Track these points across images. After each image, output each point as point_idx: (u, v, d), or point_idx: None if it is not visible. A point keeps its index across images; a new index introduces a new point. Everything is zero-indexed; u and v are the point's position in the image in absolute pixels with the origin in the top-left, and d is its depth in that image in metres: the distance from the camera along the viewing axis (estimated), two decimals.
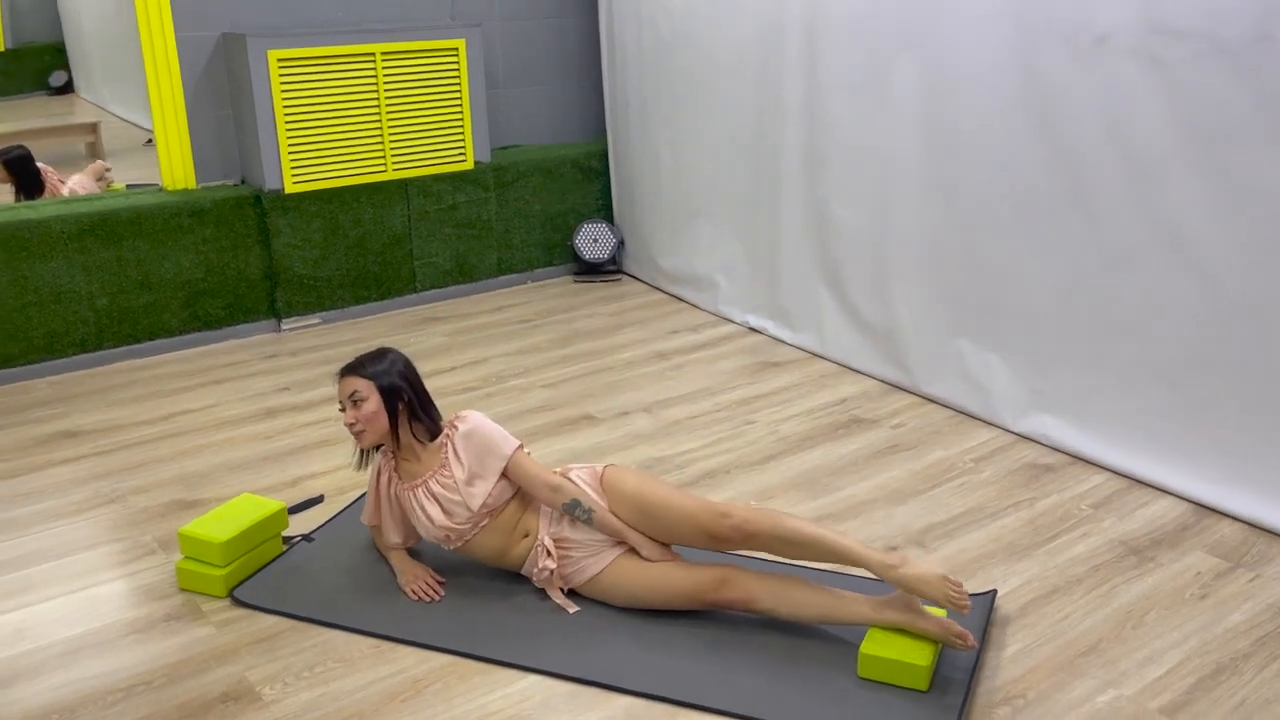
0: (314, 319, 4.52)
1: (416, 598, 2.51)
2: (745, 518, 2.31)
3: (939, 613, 2.23)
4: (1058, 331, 3.22)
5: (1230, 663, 2.26)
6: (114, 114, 4.99)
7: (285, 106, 4.23)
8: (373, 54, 4.37)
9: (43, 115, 5.38)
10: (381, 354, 2.55)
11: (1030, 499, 2.96)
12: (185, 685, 2.23)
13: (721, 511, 2.33)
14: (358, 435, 2.48)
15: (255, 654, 2.33)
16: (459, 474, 2.43)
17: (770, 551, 2.32)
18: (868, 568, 2.21)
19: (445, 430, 2.51)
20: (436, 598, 2.51)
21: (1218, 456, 2.87)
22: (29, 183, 4.53)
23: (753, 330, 4.38)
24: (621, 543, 2.44)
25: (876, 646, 2.19)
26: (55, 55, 5.48)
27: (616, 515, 2.42)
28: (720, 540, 2.33)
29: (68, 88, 5.48)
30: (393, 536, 2.59)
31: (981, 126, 3.29)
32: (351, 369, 2.51)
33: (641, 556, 2.42)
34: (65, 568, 2.69)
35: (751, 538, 2.30)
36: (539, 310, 4.71)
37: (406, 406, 2.48)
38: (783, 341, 4.22)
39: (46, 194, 4.54)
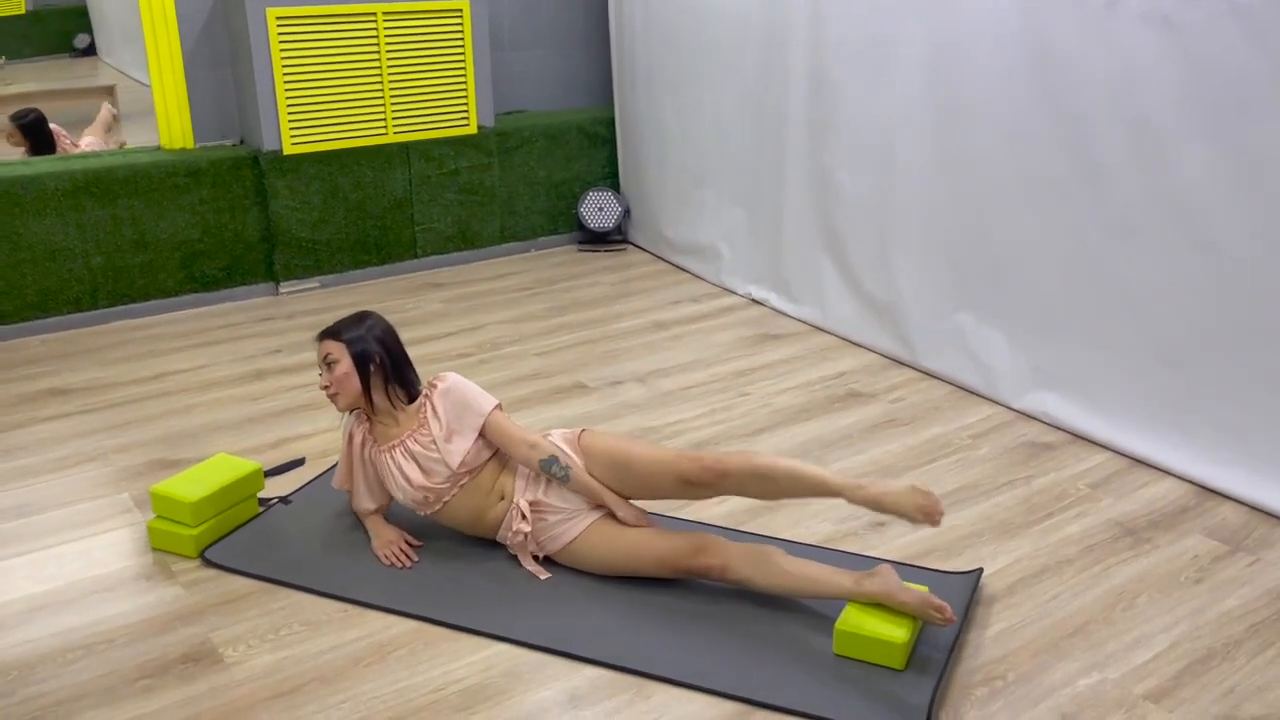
0: (313, 282, 4.48)
1: (389, 563, 2.46)
2: (716, 456, 2.29)
3: (920, 588, 2.16)
4: (1061, 307, 3.12)
5: (1222, 648, 2.17)
6: (133, 78, 4.97)
7: (284, 66, 4.17)
8: (374, 14, 4.30)
9: (65, 77, 5.38)
10: (361, 318, 2.51)
11: (1027, 477, 2.88)
12: (147, 645, 2.20)
13: (693, 455, 2.32)
14: (332, 398, 2.45)
15: (221, 615, 2.30)
16: (437, 431, 2.38)
17: (743, 492, 2.29)
18: (839, 493, 2.19)
19: (424, 392, 2.47)
20: (409, 563, 2.46)
21: (1222, 437, 2.77)
22: (42, 146, 4.51)
23: (755, 302, 4.30)
24: (598, 506, 2.39)
25: (853, 622, 2.12)
26: (78, 18, 5.47)
27: (593, 476, 2.36)
28: (694, 483, 2.29)
29: (91, 50, 5.46)
30: (365, 501, 2.55)
31: (987, 94, 3.18)
32: (328, 333, 2.49)
33: (618, 519, 2.36)
34: (38, 525, 2.66)
35: (724, 476, 2.26)
36: (541, 278, 4.64)
37: (380, 369, 2.44)
38: (784, 314, 4.14)
39: None
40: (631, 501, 2.43)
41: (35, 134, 4.52)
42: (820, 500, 2.75)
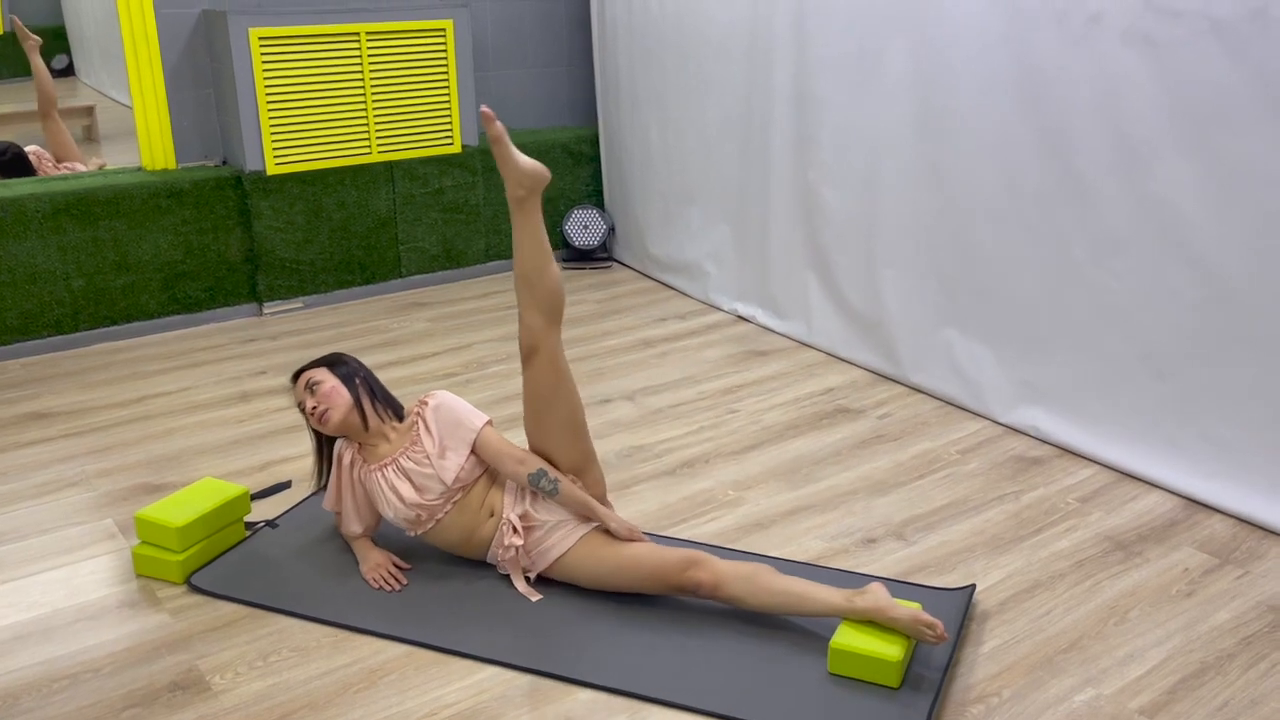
0: (296, 303, 4.45)
1: (378, 586, 2.44)
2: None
3: (913, 605, 2.15)
4: (1047, 320, 3.13)
5: (1215, 662, 2.18)
6: (112, 98, 4.94)
7: (267, 86, 4.15)
8: (357, 33, 4.29)
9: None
10: (336, 355, 2.56)
11: (1016, 492, 2.88)
12: (133, 673, 2.17)
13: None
14: (323, 415, 2.41)
15: (208, 642, 2.26)
16: (430, 447, 2.38)
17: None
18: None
19: (414, 409, 2.46)
20: (398, 586, 2.44)
21: (1209, 450, 2.79)
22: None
23: (741, 319, 4.30)
24: (588, 519, 2.38)
25: (847, 640, 2.11)
26: (56, 38, 5.44)
27: (555, 461, 2.40)
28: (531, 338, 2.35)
29: (69, 71, 5.43)
30: (353, 524, 2.52)
31: (972, 109, 3.20)
32: (304, 368, 2.52)
33: (609, 529, 2.36)
34: (20, 552, 2.63)
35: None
36: None
37: (364, 384, 2.45)
38: (771, 330, 4.14)
39: None
40: (622, 510, 2.44)
41: (15, 172, 4.42)
42: (811, 518, 2.76)
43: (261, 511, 2.78)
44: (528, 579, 2.43)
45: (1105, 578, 2.48)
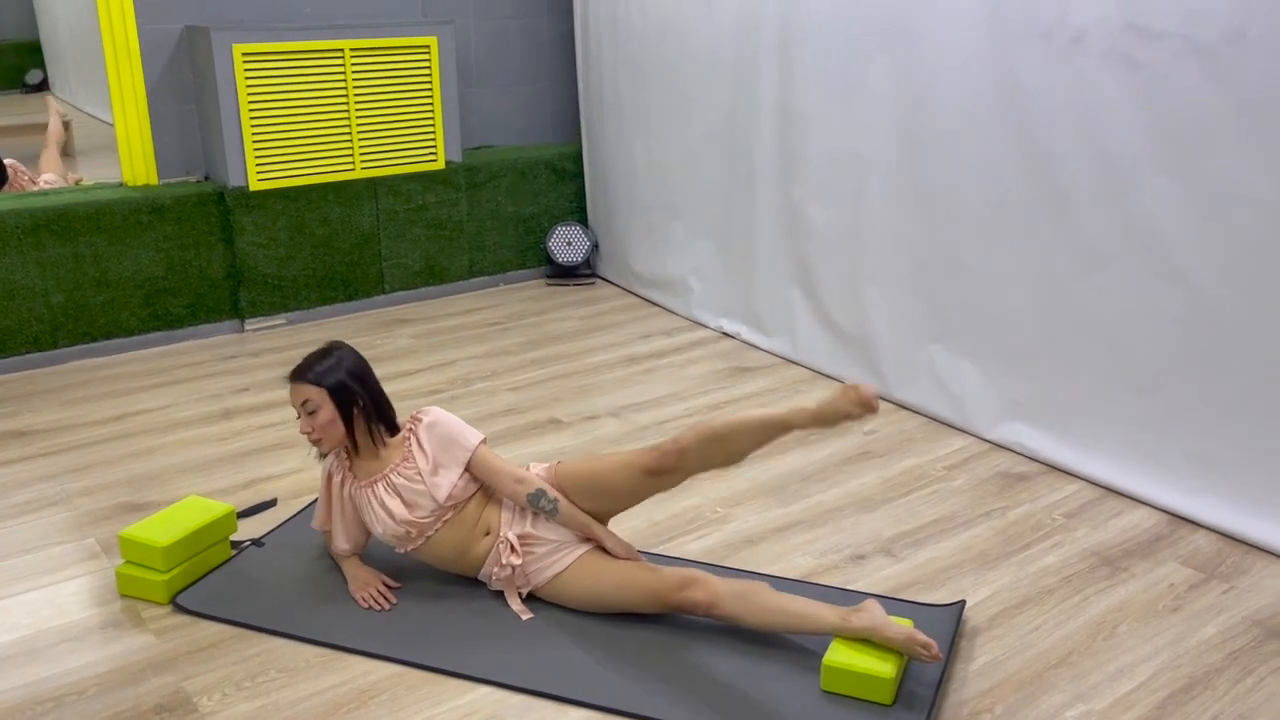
0: (279, 319, 4.42)
1: (367, 605, 2.42)
2: (672, 438, 2.31)
3: (905, 623, 2.16)
4: (1032, 337, 3.16)
5: (1203, 677, 2.19)
6: (87, 113, 4.91)
7: (250, 102, 4.13)
8: (341, 50, 4.28)
9: (17, 113, 5.31)
10: (328, 351, 2.44)
11: (1003, 508, 2.90)
12: (118, 695, 2.14)
13: (651, 445, 2.35)
14: (315, 443, 2.41)
15: (195, 663, 2.24)
16: (423, 464, 2.36)
17: (708, 463, 2.29)
18: (787, 423, 2.21)
19: (407, 425, 2.44)
20: (387, 606, 2.42)
21: (1192, 466, 2.81)
22: None
23: (726, 335, 4.31)
24: (586, 539, 2.37)
25: (840, 657, 2.11)
26: (31, 53, 5.40)
27: (575, 505, 2.37)
28: (657, 471, 2.31)
29: (43, 86, 5.40)
30: (341, 543, 2.50)
31: (956, 127, 3.23)
32: (300, 374, 2.41)
33: (606, 549, 2.35)
34: (1, 573, 2.58)
35: (683, 454, 2.27)
36: (510, 313, 4.62)
37: (362, 412, 2.40)
38: (756, 346, 4.15)
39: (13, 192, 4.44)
40: (612, 526, 2.44)
41: None
42: (800, 534, 2.76)
43: (247, 530, 2.75)
44: (520, 596, 2.41)
45: (1093, 593, 2.49)
